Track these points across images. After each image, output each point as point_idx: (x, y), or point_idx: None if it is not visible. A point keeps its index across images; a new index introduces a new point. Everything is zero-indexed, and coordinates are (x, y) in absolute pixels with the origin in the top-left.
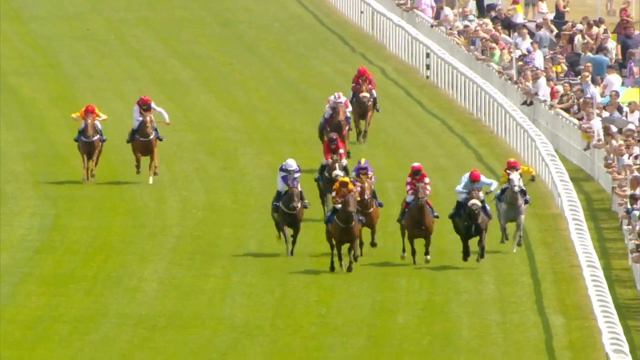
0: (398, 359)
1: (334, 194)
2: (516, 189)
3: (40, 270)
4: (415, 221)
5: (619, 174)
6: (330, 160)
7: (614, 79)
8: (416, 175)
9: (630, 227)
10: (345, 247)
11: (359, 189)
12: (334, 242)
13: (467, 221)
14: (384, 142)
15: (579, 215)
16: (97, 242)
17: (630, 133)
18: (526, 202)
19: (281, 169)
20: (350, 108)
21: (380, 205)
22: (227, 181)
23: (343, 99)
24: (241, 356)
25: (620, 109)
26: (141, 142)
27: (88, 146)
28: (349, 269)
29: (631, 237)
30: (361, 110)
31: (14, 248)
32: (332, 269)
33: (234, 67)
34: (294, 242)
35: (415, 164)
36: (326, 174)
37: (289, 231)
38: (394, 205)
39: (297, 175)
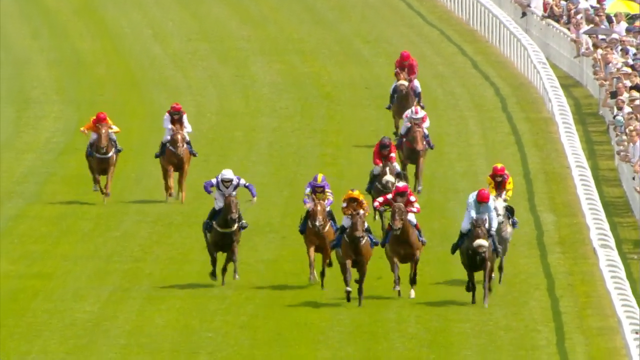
0: None
1: (344, 204)
2: (501, 219)
3: (64, 171)
4: (398, 240)
5: (605, 80)
6: (380, 166)
7: None
8: (401, 197)
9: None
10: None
11: (324, 204)
12: (345, 262)
13: (471, 251)
14: (386, 51)
15: (569, 119)
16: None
17: (615, 41)
18: (513, 225)
19: (216, 180)
20: (427, 124)
21: (337, 229)
22: (239, 87)
23: (421, 113)
24: (252, 251)
25: (609, 19)
26: (174, 155)
27: (103, 163)
28: (359, 300)
29: (617, 139)
30: (400, 105)
31: (39, 150)
32: (348, 290)
33: None
34: (234, 262)
35: (400, 185)
36: (377, 185)
37: (222, 257)
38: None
39: (242, 182)
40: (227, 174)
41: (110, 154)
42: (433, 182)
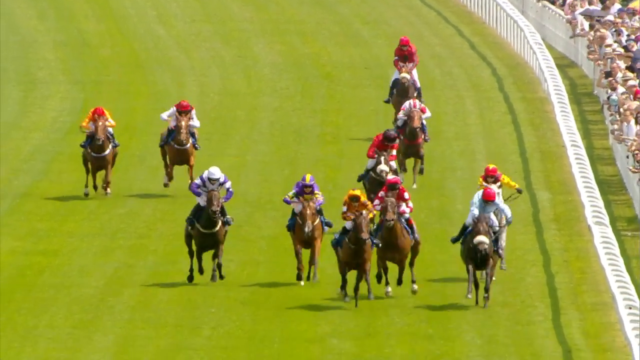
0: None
1: (344, 208)
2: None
3: (71, 150)
4: (387, 243)
5: (599, 61)
6: (374, 159)
7: None
8: (392, 189)
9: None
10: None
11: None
12: (344, 270)
13: (470, 253)
14: (385, 32)
15: (564, 98)
16: (122, 123)
17: (609, 23)
18: (507, 222)
19: (201, 179)
20: (428, 114)
21: (328, 225)
22: (241, 68)
23: (419, 105)
24: (255, 228)
25: (603, 0)
26: (176, 149)
27: (99, 161)
28: (355, 297)
29: (611, 118)
30: (400, 97)
31: (46, 129)
32: (345, 295)
33: None
34: (217, 268)
35: (391, 178)
36: (372, 174)
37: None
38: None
39: (227, 184)
40: (215, 172)
41: (107, 151)
42: (431, 161)
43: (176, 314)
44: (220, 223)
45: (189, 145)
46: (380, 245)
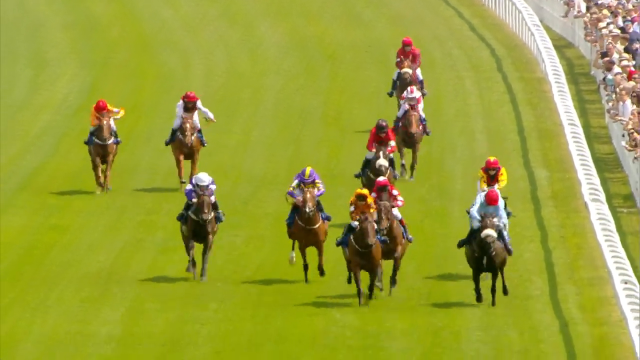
0: None
1: (352, 208)
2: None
3: (79, 129)
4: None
5: (596, 42)
6: (374, 151)
7: None
8: (381, 191)
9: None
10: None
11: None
12: (355, 271)
13: (477, 252)
14: (386, 14)
15: (561, 78)
16: (130, 103)
17: (604, 7)
18: (508, 215)
19: (191, 182)
20: (422, 105)
21: (327, 219)
22: (246, 49)
23: (417, 93)
24: (260, 203)
25: None
26: (182, 144)
27: (103, 149)
28: (370, 296)
29: (607, 98)
30: (403, 91)
31: (56, 108)
32: (360, 298)
33: None
34: (204, 262)
35: (381, 179)
36: (370, 174)
37: (198, 249)
38: None
39: (212, 187)
40: (204, 178)
41: (110, 141)
42: (431, 140)
43: (183, 288)
44: (212, 217)
45: (193, 140)
46: (388, 241)
